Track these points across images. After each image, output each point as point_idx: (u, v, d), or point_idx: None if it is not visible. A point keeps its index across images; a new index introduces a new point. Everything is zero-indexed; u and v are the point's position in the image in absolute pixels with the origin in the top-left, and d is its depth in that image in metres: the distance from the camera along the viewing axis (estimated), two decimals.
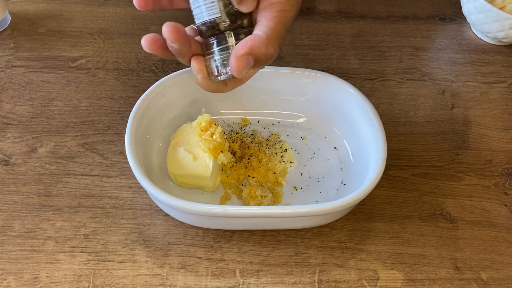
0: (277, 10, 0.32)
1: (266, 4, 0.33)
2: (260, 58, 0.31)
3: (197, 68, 0.33)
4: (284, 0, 0.32)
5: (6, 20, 0.62)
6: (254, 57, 0.31)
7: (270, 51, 0.32)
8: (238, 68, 0.30)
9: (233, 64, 0.30)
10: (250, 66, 0.31)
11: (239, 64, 0.30)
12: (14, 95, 0.54)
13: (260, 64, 0.32)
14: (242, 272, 0.42)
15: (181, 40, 0.31)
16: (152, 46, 0.32)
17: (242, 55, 0.30)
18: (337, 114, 0.50)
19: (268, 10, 0.32)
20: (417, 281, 0.42)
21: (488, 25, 0.61)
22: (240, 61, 0.30)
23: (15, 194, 0.46)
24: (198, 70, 0.33)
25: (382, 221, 0.46)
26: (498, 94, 0.58)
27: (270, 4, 0.32)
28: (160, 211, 0.45)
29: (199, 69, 0.33)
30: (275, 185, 0.47)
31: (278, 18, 0.32)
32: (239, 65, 0.30)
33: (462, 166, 0.51)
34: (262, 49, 0.31)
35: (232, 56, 0.30)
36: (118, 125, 0.52)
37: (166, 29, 0.30)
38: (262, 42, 0.31)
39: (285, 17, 0.32)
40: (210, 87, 0.34)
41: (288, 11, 0.33)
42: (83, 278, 0.41)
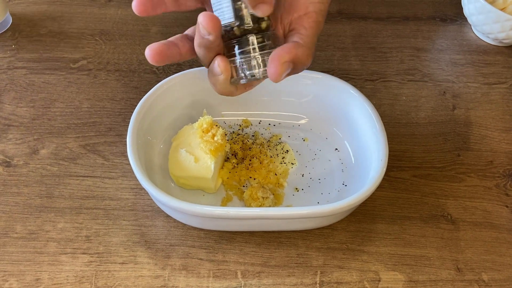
0: (313, 21, 0.32)
1: (301, 13, 0.32)
2: (298, 67, 0.31)
3: (223, 67, 0.31)
4: (318, 10, 0.32)
5: (7, 22, 0.62)
6: (294, 65, 0.30)
7: (308, 62, 0.31)
8: (278, 73, 0.29)
9: (273, 70, 0.29)
10: (288, 73, 0.30)
11: (280, 69, 0.29)
12: (16, 96, 0.54)
13: (294, 72, 0.32)
14: (243, 273, 0.42)
15: (217, 31, 0.29)
16: (156, 58, 0.31)
17: (286, 61, 0.29)
18: (338, 115, 0.50)
19: (305, 19, 0.32)
20: (418, 283, 0.42)
21: (489, 26, 0.61)
22: (282, 67, 0.29)
23: (17, 195, 0.46)
24: (224, 70, 0.31)
25: (383, 222, 0.46)
26: (499, 95, 0.58)
27: (306, 14, 0.32)
28: (161, 212, 0.45)
29: (224, 69, 0.31)
30: (277, 186, 0.47)
31: (315, 29, 0.32)
32: (280, 70, 0.29)
33: (463, 167, 0.51)
34: (304, 59, 0.31)
35: (275, 61, 0.29)
36: (119, 127, 0.52)
37: (203, 19, 0.29)
38: (305, 52, 0.31)
39: (318, 29, 0.32)
40: (226, 90, 0.33)
41: (321, 23, 0.33)
42: (85, 279, 0.41)
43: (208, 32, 0.29)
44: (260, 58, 0.31)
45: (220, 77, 0.32)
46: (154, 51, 0.31)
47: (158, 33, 0.63)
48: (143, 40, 0.62)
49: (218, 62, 0.31)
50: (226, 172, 0.47)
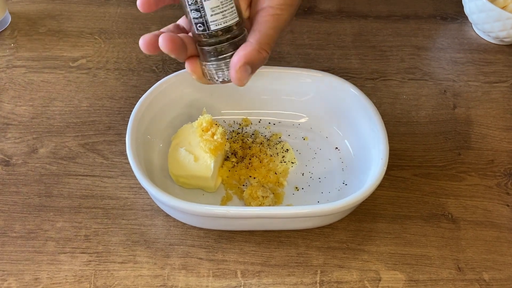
0: (268, 15, 0.33)
1: (258, 9, 0.34)
2: (256, 64, 0.33)
3: (191, 70, 0.34)
4: (274, 5, 0.33)
5: (6, 20, 0.62)
6: (251, 65, 0.32)
7: (263, 56, 0.33)
8: (239, 79, 0.32)
9: (234, 76, 0.32)
10: (249, 74, 0.32)
11: (239, 75, 0.32)
12: (15, 95, 0.54)
13: (257, 68, 0.33)
14: (243, 272, 0.42)
15: (177, 50, 0.32)
16: (149, 48, 0.32)
17: (240, 66, 0.32)
18: (339, 114, 0.50)
19: (260, 15, 0.33)
20: (419, 282, 0.42)
21: (489, 24, 0.61)
22: (239, 72, 0.32)
23: (16, 194, 0.46)
24: (192, 72, 0.34)
25: (383, 221, 0.46)
26: (500, 93, 0.58)
27: (262, 9, 0.33)
28: (161, 211, 0.45)
29: (193, 71, 0.34)
30: (277, 185, 0.47)
31: (269, 22, 0.33)
32: (239, 76, 0.32)
33: (464, 166, 0.50)
34: (255, 56, 0.32)
35: (232, 69, 0.32)
36: (118, 126, 0.52)
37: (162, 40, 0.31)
38: (254, 50, 0.32)
39: (276, 21, 0.33)
40: (206, 83, 0.36)
41: (280, 15, 0.33)
42: (84, 279, 0.41)
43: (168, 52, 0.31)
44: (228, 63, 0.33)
45: (193, 77, 0.35)
46: (147, 41, 0.32)
47: None
48: None
49: (186, 65, 0.34)
50: (225, 171, 0.47)
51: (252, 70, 0.32)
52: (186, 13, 0.32)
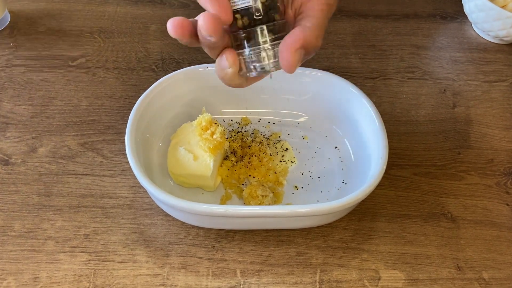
0: (323, 3, 0.31)
1: None
2: (310, 51, 0.30)
3: (231, 61, 0.30)
4: None
5: (5, 19, 0.62)
6: (306, 50, 0.29)
7: (319, 44, 0.30)
8: (292, 63, 0.28)
9: (287, 59, 0.28)
10: (301, 61, 0.29)
11: (293, 59, 0.28)
12: (14, 94, 0.54)
13: (307, 57, 0.31)
14: (243, 272, 0.42)
15: (219, 33, 0.28)
16: (178, 31, 0.29)
17: (297, 49, 0.28)
18: (338, 113, 0.49)
19: (315, 3, 0.31)
20: (418, 281, 0.42)
21: (489, 23, 0.61)
22: (294, 56, 0.28)
23: (15, 194, 0.46)
24: (232, 64, 0.30)
25: (383, 220, 0.46)
26: (499, 93, 0.58)
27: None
28: (160, 211, 0.45)
29: (233, 63, 0.30)
30: (276, 184, 0.47)
31: (325, 12, 0.31)
32: (293, 60, 0.28)
33: (463, 165, 0.50)
34: (313, 41, 0.30)
35: (287, 51, 0.28)
36: (118, 125, 0.52)
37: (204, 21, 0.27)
38: (313, 34, 0.29)
39: (328, 12, 0.31)
40: (235, 82, 0.32)
41: (332, 6, 0.32)
42: (83, 278, 0.41)
43: (209, 34, 0.28)
44: (270, 50, 0.30)
45: (229, 71, 0.30)
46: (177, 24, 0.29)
47: (157, 31, 0.62)
48: (142, 38, 0.61)
49: (226, 56, 0.30)
50: (225, 170, 0.46)
51: (304, 55, 0.30)
52: None
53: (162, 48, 0.60)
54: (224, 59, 0.30)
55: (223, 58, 0.30)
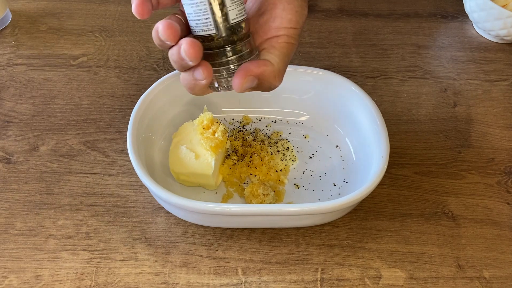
0: (284, 42, 0.32)
1: (272, 34, 0.32)
2: (264, 85, 0.31)
3: (207, 74, 0.30)
4: (290, 34, 0.32)
5: (7, 18, 0.62)
6: (260, 82, 0.31)
7: (275, 84, 0.32)
8: (241, 86, 0.30)
9: (237, 80, 0.30)
10: (251, 87, 0.31)
11: (243, 81, 0.30)
12: (16, 93, 0.54)
13: (259, 89, 0.32)
14: (244, 270, 0.42)
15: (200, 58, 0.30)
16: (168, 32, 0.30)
17: (251, 75, 0.30)
18: (339, 112, 0.50)
19: (275, 40, 0.32)
20: (419, 280, 0.42)
21: (490, 23, 0.61)
22: (246, 80, 0.30)
23: (17, 192, 0.46)
24: (207, 77, 0.30)
25: (384, 219, 0.46)
26: (500, 92, 0.58)
27: (277, 36, 0.32)
28: (162, 209, 0.45)
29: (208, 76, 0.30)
30: (277, 183, 0.47)
31: (285, 49, 0.32)
32: (242, 82, 0.30)
33: (464, 164, 0.51)
34: (271, 78, 0.31)
35: (239, 73, 0.30)
36: (119, 123, 0.52)
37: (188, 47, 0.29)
38: (272, 73, 0.31)
39: (290, 50, 0.32)
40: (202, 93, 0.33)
41: (293, 45, 0.32)
42: (85, 276, 0.41)
43: (190, 59, 0.29)
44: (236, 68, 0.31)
45: (202, 82, 0.31)
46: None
47: None
48: (143, 37, 0.61)
49: (203, 69, 0.30)
50: (226, 168, 0.47)
51: (256, 87, 0.31)
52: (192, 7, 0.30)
53: None
54: (199, 72, 0.30)
55: (198, 71, 0.30)
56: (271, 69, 0.31)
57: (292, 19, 0.32)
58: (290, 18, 0.32)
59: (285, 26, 0.32)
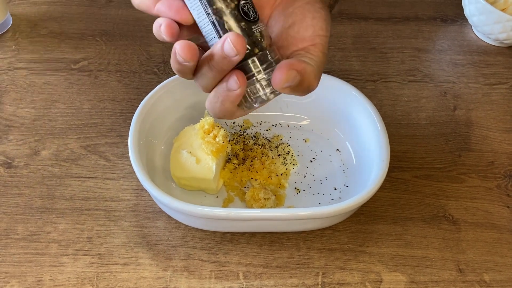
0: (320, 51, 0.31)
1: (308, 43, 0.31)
2: (304, 84, 0.30)
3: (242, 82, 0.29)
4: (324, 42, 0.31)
5: (7, 22, 0.62)
6: (301, 79, 0.29)
7: (314, 85, 0.31)
8: (283, 80, 0.28)
9: (278, 76, 0.28)
10: (292, 85, 0.29)
11: (286, 76, 0.28)
12: (16, 97, 0.54)
13: (297, 90, 0.30)
14: (245, 274, 0.42)
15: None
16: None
17: (293, 70, 0.28)
18: (340, 116, 0.50)
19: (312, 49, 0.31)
20: (420, 283, 0.42)
21: (489, 26, 0.61)
22: (288, 74, 0.28)
23: (18, 196, 0.46)
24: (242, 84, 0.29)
25: (385, 223, 0.46)
26: (500, 95, 0.58)
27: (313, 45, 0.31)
28: (163, 213, 0.45)
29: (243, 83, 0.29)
30: (278, 187, 0.47)
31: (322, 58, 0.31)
32: (286, 77, 0.28)
33: (464, 168, 0.51)
34: (311, 77, 0.30)
35: (281, 68, 0.28)
36: (120, 128, 0.52)
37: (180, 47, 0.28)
38: (313, 72, 0.30)
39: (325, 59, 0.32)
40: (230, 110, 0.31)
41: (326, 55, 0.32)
42: (86, 281, 0.41)
43: (237, 52, 0.28)
44: (265, 79, 0.30)
45: (237, 92, 0.29)
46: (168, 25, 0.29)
47: None
48: (144, 41, 0.62)
49: (237, 76, 0.29)
50: (227, 173, 0.47)
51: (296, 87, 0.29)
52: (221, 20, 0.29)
53: (164, 51, 0.60)
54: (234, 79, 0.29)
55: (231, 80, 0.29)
56: (311, 68, 0.30)
57: (323, 27, 0.32)
58: (321, 26, 0.32)
59: (319, 34, 0.32)
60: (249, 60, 0.30)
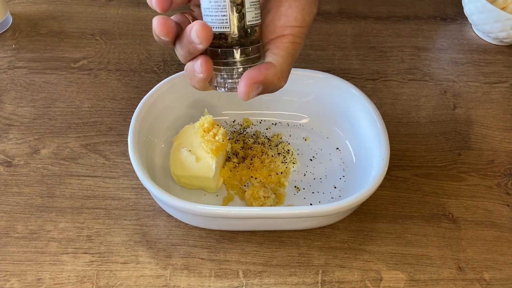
0: (288, 42, 0.31)
1: (278, 34, 0.32)
2: (269, 88, 0.31)
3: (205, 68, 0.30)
4: (295, 33, 0.31)
5: (7, 21, 0.62)
6: (264, 86, 0.31)
7: (280, 85, 0.32)
8: (246, 93, 0.30)
9: (242, 89, 0.30)
10: (257, 93, 0.31)
11: (248, 90, 0.30)
12: (16, 96, 0.54)
13: (265, 92, 0.32)
14: (245, 272, 0.42)
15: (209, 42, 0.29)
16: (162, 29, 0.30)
17: (255, 83, 0.30)
18: (340, 114, 0.50)
19: (280, 41, 0.31)
20: (420, 282, 0.42)
21: (489, 25, 0.61)
22: (251, 88, 0.30)
23: (18, 195, 0.46)
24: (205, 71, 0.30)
25: (384, 221, 0.46)
26: (500, 94, 0.58)
27: (282, 36, 0.31)
28: (163, 212, 0.45)
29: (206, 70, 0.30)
30: (278, 185, 0.47)
31: (290, 50, 0.32)
32: (248, 91, 0.30)
33: (464, 166, 0.51)
34: (274, 81, 0.31)
35: (244, 81, 0.30)
36: (120, 126, 0.52)
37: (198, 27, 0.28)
38: (276, 75, 0.31)
39: (295, 50, 0.32)
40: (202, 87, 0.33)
41: (298, 44, 0.32)
42: (86, 279, 0.41)
43: (200, 42, 0.29)
44: (242, 71, 0.31)
45: (199, 76, 0.31)
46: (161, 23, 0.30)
47: None
48: (144, 39, 0.62)
49: (201, 62, 0.30)
50: (227, 171, 0.47)
51: (262, 91, 0.31)
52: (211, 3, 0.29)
53: (163, 50, 0.60)
54: (198, 64, 0.30)
55: (197, 64, 0.31)
56: (274, 72, 0.31)
57: (298, 17, 0.31)
58: (295, 17, 0.31)
59: (291, 24, 0.31)
60: (235, 48, 0.30)
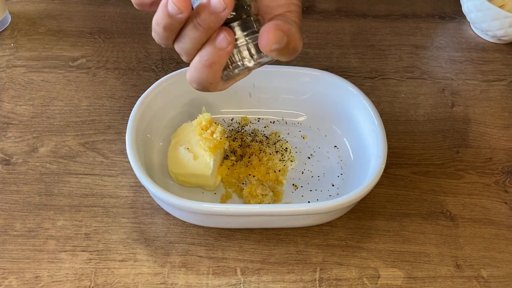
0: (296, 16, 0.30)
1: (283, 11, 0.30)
2: (290, 46, 0.28)
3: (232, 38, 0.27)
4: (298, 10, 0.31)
5: (6, 20, 0.62)
6: (288, 40, 0.28)
7: (299, 46, 0.29)
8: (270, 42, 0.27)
9: (266, 37, 0.27)
10: (279, 47, 0.28)
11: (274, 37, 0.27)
12: (15, 95, 0.54)
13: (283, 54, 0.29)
14: (243, 270, 0.42)
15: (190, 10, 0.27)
16: None
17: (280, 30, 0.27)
18: (337, 112, 0.50)
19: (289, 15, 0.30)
20: (417, 279, 0.42)
21: (487, 23, 0.61)
22: (276, 34, 0.27)
23: (16, 193, 0.46)
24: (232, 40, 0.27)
25: (382, 219, 0.46)
26: (498, 92, 0.58)
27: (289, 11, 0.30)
28: (161, 210, 0.45)
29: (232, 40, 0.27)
30: (276, 183, 0.47)
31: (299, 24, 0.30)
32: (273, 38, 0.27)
33: (462, 164, 0.51)
34: (297, 38, 0.29)
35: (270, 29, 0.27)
36: (118, 125, 0.52)
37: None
38: (298, 32, 0.29)
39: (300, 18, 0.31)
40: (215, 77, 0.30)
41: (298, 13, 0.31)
42: (84, 277, 0.41)
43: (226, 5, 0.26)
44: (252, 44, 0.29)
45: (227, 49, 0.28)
46: None
47: None
48: (142, 38, 0.62)
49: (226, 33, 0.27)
50: (225, 169, 0.47)
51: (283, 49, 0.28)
52: None
53: (162, 48, 0.60)
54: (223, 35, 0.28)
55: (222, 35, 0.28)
56: (296, 29, 0.29)
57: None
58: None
59: (293, 2, 0.30)
60: (235, 23, 0.28)
